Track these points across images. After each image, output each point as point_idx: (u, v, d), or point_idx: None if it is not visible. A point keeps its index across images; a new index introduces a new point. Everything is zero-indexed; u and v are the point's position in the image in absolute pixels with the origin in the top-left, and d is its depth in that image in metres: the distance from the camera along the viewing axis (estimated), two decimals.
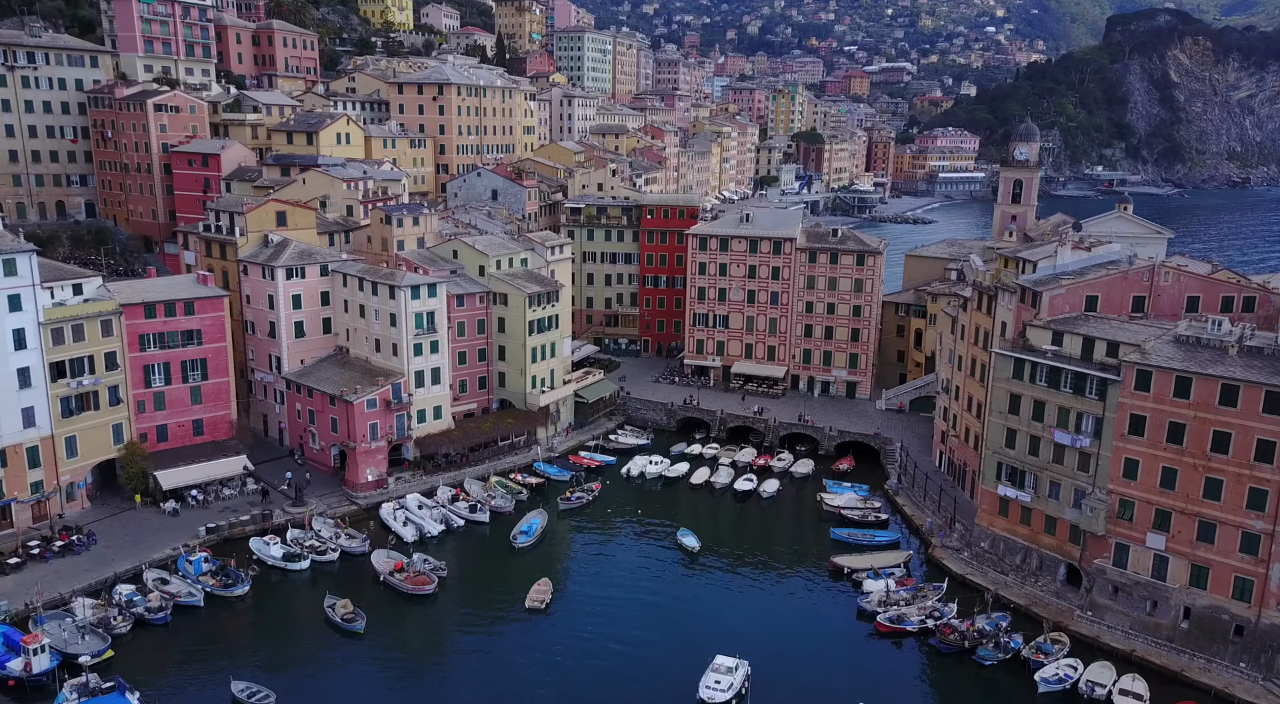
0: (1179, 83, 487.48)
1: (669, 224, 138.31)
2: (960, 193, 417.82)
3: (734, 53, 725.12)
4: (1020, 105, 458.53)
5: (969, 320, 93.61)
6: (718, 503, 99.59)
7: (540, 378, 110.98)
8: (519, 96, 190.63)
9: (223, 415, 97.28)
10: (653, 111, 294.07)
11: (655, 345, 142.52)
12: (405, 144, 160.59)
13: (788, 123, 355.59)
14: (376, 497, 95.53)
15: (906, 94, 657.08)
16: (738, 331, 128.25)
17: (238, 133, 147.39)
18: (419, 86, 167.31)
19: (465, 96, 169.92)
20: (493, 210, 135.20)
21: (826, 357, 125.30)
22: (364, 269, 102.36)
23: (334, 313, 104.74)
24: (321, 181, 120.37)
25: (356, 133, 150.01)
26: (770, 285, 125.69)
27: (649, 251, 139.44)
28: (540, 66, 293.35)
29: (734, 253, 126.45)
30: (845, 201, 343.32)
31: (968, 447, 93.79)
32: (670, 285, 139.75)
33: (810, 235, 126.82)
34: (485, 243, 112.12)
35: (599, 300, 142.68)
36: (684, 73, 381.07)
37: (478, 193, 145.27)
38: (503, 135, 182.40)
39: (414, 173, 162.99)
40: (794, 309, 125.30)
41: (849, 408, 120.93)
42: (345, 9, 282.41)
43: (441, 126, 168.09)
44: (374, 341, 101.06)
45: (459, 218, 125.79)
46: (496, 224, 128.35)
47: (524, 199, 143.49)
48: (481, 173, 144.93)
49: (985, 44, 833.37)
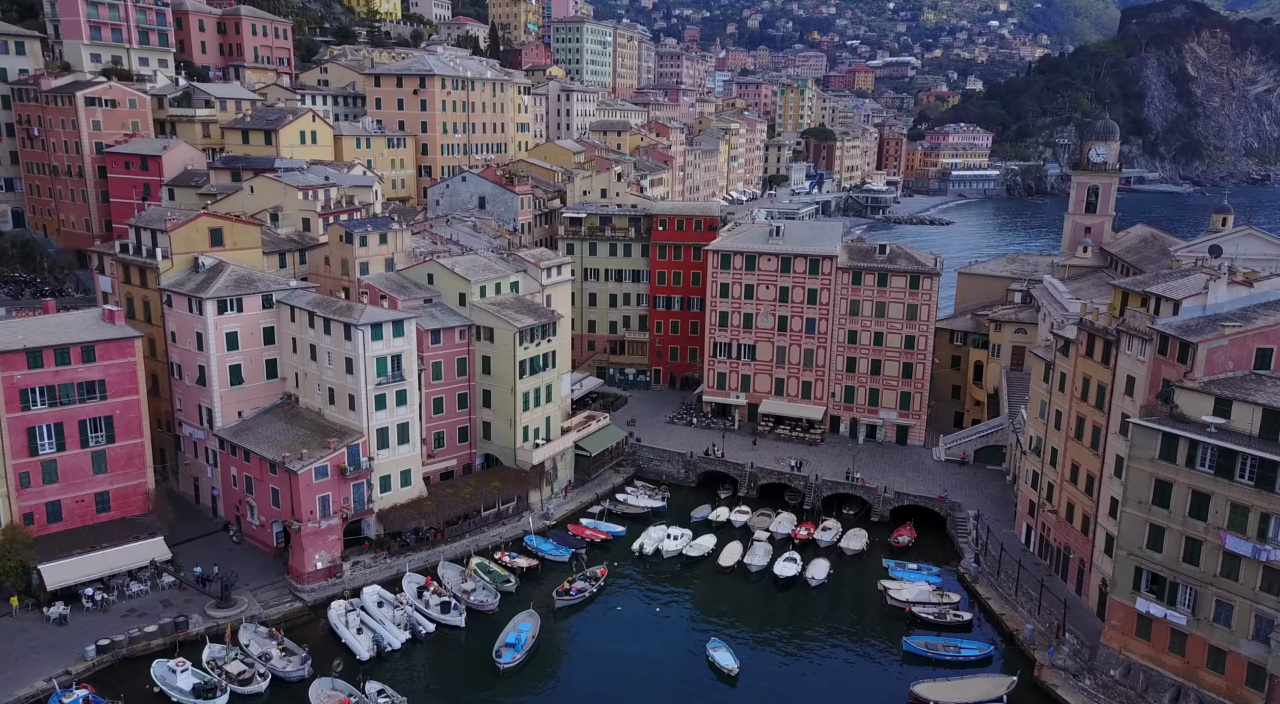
0: (1196, 77, 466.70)
1: (684, 237, 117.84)
2: (974, 191, 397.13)
3: (734, 47, 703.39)
4: (1034, 100, 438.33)
5: (1073, 369, 73.29)
6: (755, 593, 79.25)
7: (533, 429, 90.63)
8: (512, 90, 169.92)
9: (135, 486, 76.87)
10: (656, 107, 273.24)
11: (667, 376, 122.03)
12: (382, 143, 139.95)
13: (796, 119, 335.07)
14: (327, 589, 75.18)
15: (911, 89, 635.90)
16: (766, 364, 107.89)
17: (186, 131, 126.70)
18: (398, 78, 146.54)
19: (451, 89, 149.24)
20: (479, 222, 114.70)
21: (873, 395, 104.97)
22: (315, 301, 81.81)
23: (280, 353, 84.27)
24: (272, 189, 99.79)
25: (324, 131, 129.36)
26: (805, 311, 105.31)
27: (660, 269, 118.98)
28: (536, 59, 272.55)
29: (762, 272, 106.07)
30: (858, 202, 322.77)
31: (1073, 529, 73.50)
32: (685, 308, 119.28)
33: (854, 252, 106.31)
34: (467, 264, 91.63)
35: (602, 324, 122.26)
36: (687, 66, 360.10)
37: (463, 200, 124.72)
38: (493, 133, 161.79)
39: (392, 176, 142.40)
40: (834, 339, 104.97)
41: (901, 458, 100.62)
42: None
43: (424, 124, 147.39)
44: (327, 391, 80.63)
45: (438, 232, 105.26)
46: (483, 239, 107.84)
47: (516, 208, 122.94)
48: (467, 177, 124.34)
49: (989, 38, 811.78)
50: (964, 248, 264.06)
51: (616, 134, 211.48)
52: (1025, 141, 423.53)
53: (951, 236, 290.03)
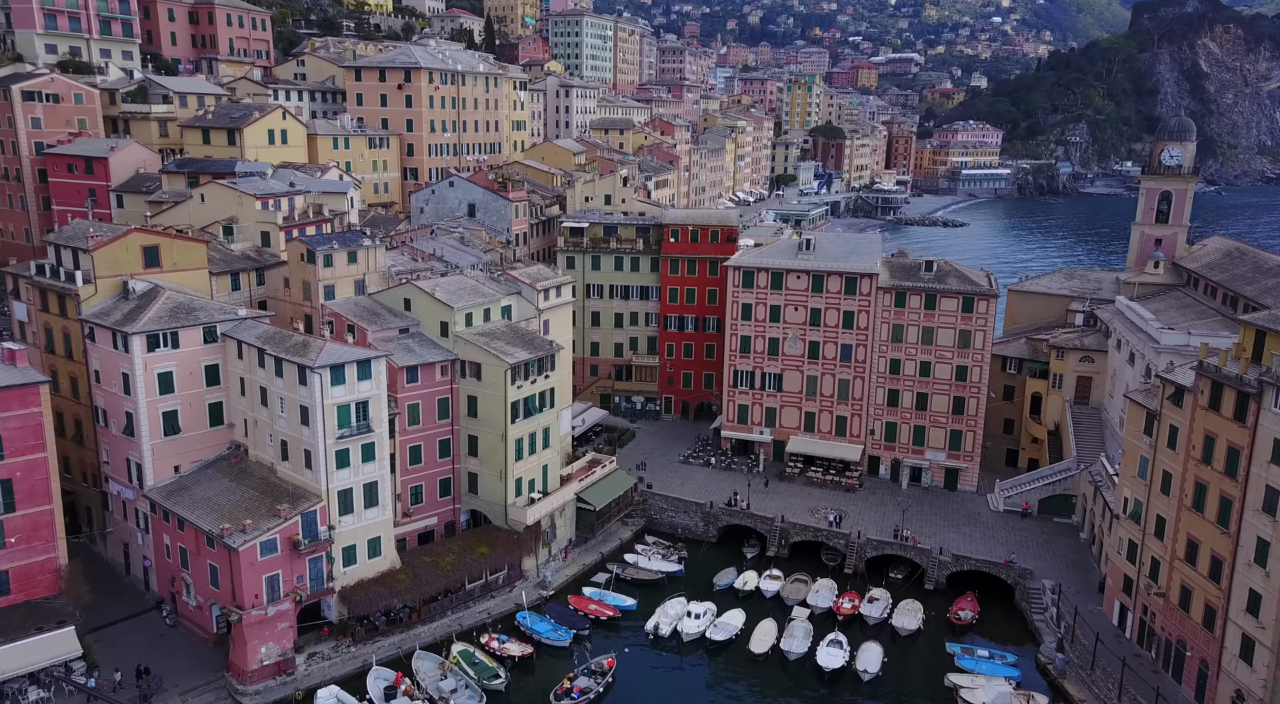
0: (1209, 73, 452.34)
1: (698, 249, 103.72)
2: (985, 191, 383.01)
3: (735, 43, 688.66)
4: (1045, 97, 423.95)
5: (1189, 423, 59.24)
6: (795, 687, 65.24)
7: (527, 481, 76.65)
8: (506, 85, 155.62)
9: (42, 562, 62.72)
10: (659, 103, 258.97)
11: (680, 405, 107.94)
12: (362, 143, 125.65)
13: (804, 116, 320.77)
14: (275, 690, 61.18)
15: (915, 86, 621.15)
16: (795, 396, 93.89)
17: (141, 130, 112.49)
18: (381, 71, 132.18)
19: (439, 84, 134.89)
20: (467, 233, 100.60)
21: (918, 433, 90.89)
22: (266, 335, 67.67)
23: (227, 396, 70.21)
24: (226, 198, 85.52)
25: (296, 130, 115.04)
26: (841, 336, 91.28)
27: (672, 285, 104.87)
28: (533, 54, 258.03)
29: (791, 291, 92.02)
30: (868, 202, 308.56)
31: (1189, 619, 59.54)
32: (700, 329, 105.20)
33: (896, 269, 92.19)
34: (451, 288, 77.47)
35: (606, 346, 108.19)
36: (690, 62, 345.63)
37: (450, 208, 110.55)
38: (486, 132, 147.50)
39: (374, 180, 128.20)
40: (873, 368, 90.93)
41: (952, 508, 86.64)
42: None
43: (409, 122, 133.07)
44: (280, 444, 66.59)
45: (419, 246, 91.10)
46: (471, 253, 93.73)
47: (509, 216, 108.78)
48: (455, 182, 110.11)
49: (992, 35, 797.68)
50: (983, 252, 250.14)
51: (619, 132, 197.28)
52: (1036, 139, 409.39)
53: (968, 239, 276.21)
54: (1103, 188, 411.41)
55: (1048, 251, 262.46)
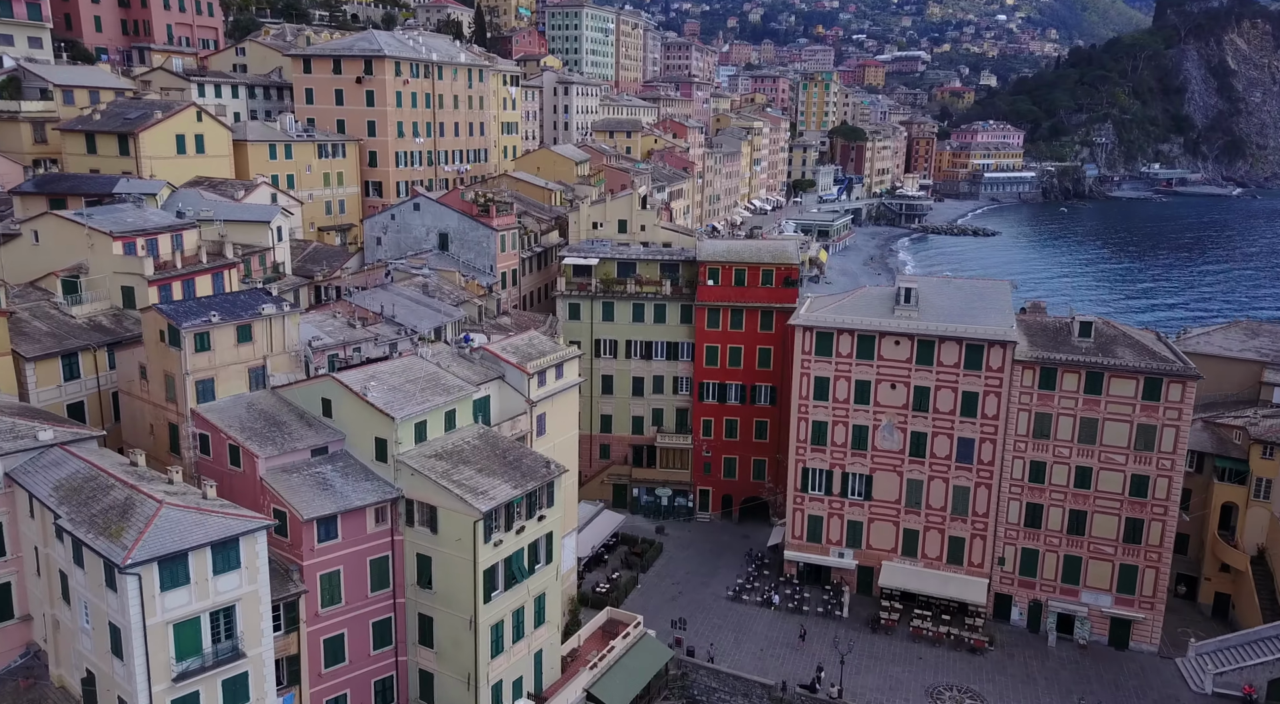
0: (1237, 70, 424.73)
1: (747, 295, 75.92)
2: (1008, 195, 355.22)
3: (737, 41, 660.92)
4: (1068, 95, 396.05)
5: None
6: None
7: (512, 681, 48.91)
8: (494, 80, 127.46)
9: None
10: (667, 102, 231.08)
11: (719, 500, 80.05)
12: (308, 151, 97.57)
13: (820, 116, 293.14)
14: None
15: (924, 84, 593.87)
16: (890, 507, 66.19)
17: (8, 133, 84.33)
18: (335, 60, 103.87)
19: (409, 77, 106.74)
20: (434, 275, 72.52)
21: (1070, 567, 63.11)
22: (70, 482, 39.82)
23: (19, 575, 42.44)
24: (70, 237, 57.54)
25: (217, 134, 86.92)
26: (958, 426, 63.60)
27: (711, 341, 77.11)
28: (528, 48, 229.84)
29: (886, 362, 64.32)
30: (891, 209, 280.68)
31: None
32: (748, 399, 77.53)
33: (1037, 333, 64.19)
34: (395, 380, 49.49)
35: (622, 420, 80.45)
36: (696, 58, 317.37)
37: (415, 238, 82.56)
38: (469, 136, 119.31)
39: (326, 196, 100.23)
40: (1005, 472, 63.23)
41: (1132, 684, 58.93)
42: None
43: (371, 123, 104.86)
44: (85, 671, 38.81)
45: (360, 303, 62.90)
46: (436, 310, 65.71)
47: (493, 249, 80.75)
48: (422, 204, 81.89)
49: (997, 33, 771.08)
50: (1026, 267, 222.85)
51: (626, 135, 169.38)
52: (1060, 140, 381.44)
53: (1003, 251, 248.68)
54: (1130, 191, 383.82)
55: (1101, 267, 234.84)
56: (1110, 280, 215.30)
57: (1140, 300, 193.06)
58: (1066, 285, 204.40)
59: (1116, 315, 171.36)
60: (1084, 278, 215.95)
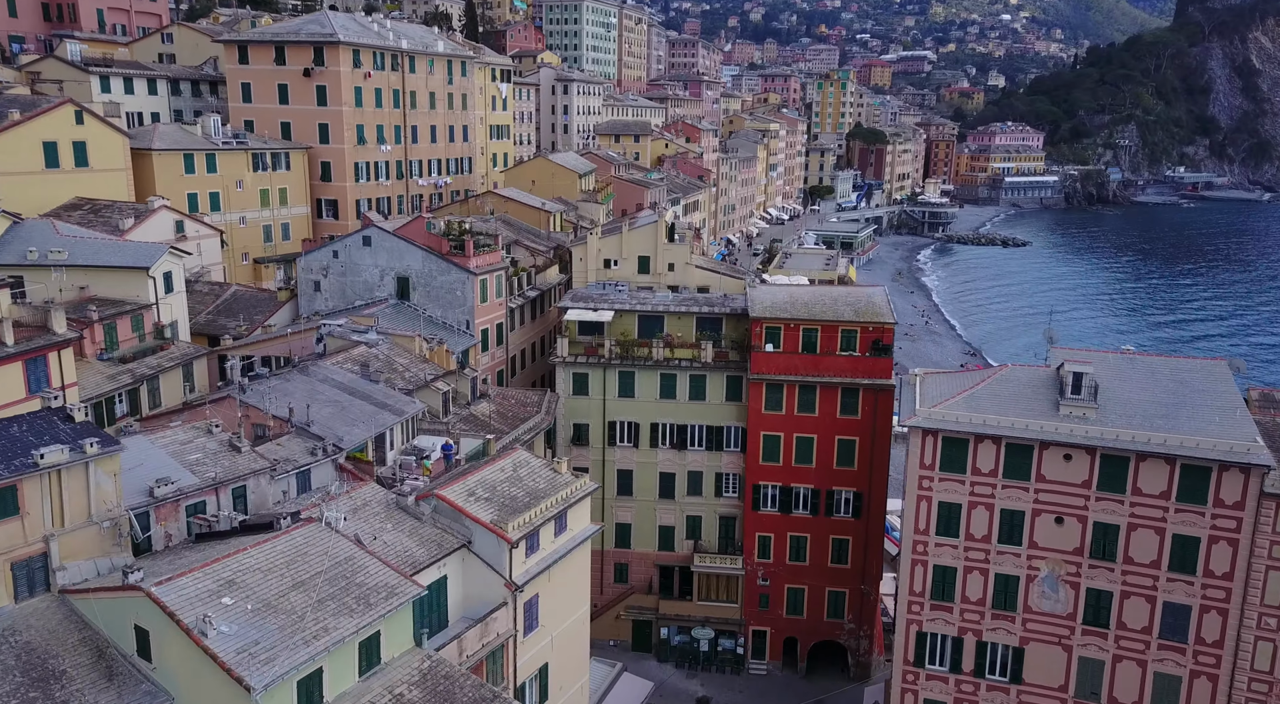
0: (1262, 70, 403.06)
1: (820, 366, 53.94)
2: (1029, 200, 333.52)
3: (740, 40, 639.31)
4: (1089, 95, 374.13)
5: None
6: None
7: None
8: (480, 74, 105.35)
9: None
10: (675, 103, 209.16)
11: (780, 644, 57.95)
12: (239, 163, 75.48)
13: (836, 118, 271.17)
14: None
15: (930, 84, 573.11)
16: (1052, 697, 44.27)
17: None
18: (277, 48, 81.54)
19: (372, 69, 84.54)
20: (381, 349, 50.40)
21: None
22: None
23: None
24: None
25: (106, 141, 64.80)
26: (1164, 587, 41.63)
27: (769, 428, 55.14)
28: (524, 43, 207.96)
29: (1048, 485, 42.39)
30: (913, 217, 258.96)
31: None
32: (822, 509, 55.59)
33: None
34: (267, 586, 27.37)
35: (644, 531, 58.54)
36: (703, 56, 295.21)
37: (366, 283, 60.37)
38: (449, 142, 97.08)
39: (265, 220, 78.21)
40: (1243, 662, 41.40)
41: None
42: None
43: (324, 127, 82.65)
44: None
45: (252, 401, 40.72)
46: (378, 406, 43.52)
47: (469, 298, 58.54)
48: (374, 237, 59.65)
49: (1002, 33, 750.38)
50: (1065, 281, 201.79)
51: (634, 139, 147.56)
52: (1081, 142, 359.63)
53: (1036, 262, 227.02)
54: (1155, 196, 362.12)
55: (1147, 281, 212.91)
56: (1162, 298, 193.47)
57: (1200, 323, 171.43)
58: (1116, 306, 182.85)
59: (1185, 346, 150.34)
60: (1133, 296, 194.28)
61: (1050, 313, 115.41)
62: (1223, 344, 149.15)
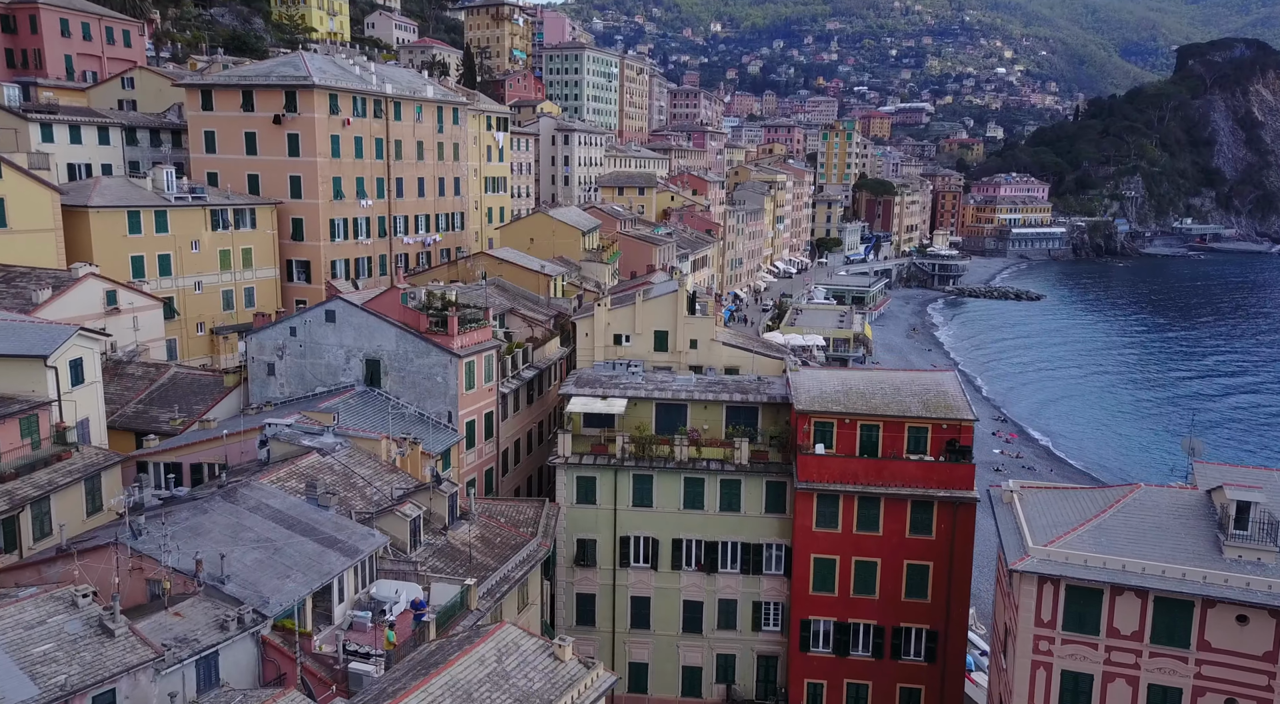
0: (1264, 122, 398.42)
1: (885, 474, 43.20)
2: (1037, 252, 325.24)
3: (739, 92, 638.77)
4: (1093, 146, 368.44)
5: None
6: None
7: None
8: (475, 122, 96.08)
9: None
10: (679, 153, 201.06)
11: None
12: (195, 221, 65.46)
13: (842, 169, 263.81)
14: None
15: (929, 136, 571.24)
16: None
17: None
18: (244, 92, 72.02)
19: (351, 115, 74.97)
20: (337, 456, 39.74)
21: None
22: None
23: None
24: None
25: (31, 198, 54.72)
26: None
27: (821, 549, 44.23)
28: (523, 93, 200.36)
29: (1213, 655, 31.51)
30: (923, 270, 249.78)
31: None
32: (888, 652, 44.45)
33: None
34: None
35: (664, 673, 47.27)
36: (705, 107, 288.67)
37: (330, 366, 49.82)
38: (438, 197, 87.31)
39: (225, 286, 67.96)
40: None
41: None
42: (247, 8, 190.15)
43: (296, 180, 72.85)
44: None
45: (146, 552, 29.97)
46: (322, 545, 32.72)
47: (453, 385, 47.99)
48: (339, 311, 49.35)
49: (997, 85, 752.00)
50: (1084, 337, 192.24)
51: (638, 191, 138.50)
52: (1087, 194, 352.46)
53: (1052, 317, 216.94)
54: (1164, 248, 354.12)
55: (1167, 335, 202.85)
56: (1189, 357, 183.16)
57: (1230, 378, 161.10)
58: (1145, 365, 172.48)
59: (1230, 417, 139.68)
60: (1159, 353, 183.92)
61: (1191, 417, 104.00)
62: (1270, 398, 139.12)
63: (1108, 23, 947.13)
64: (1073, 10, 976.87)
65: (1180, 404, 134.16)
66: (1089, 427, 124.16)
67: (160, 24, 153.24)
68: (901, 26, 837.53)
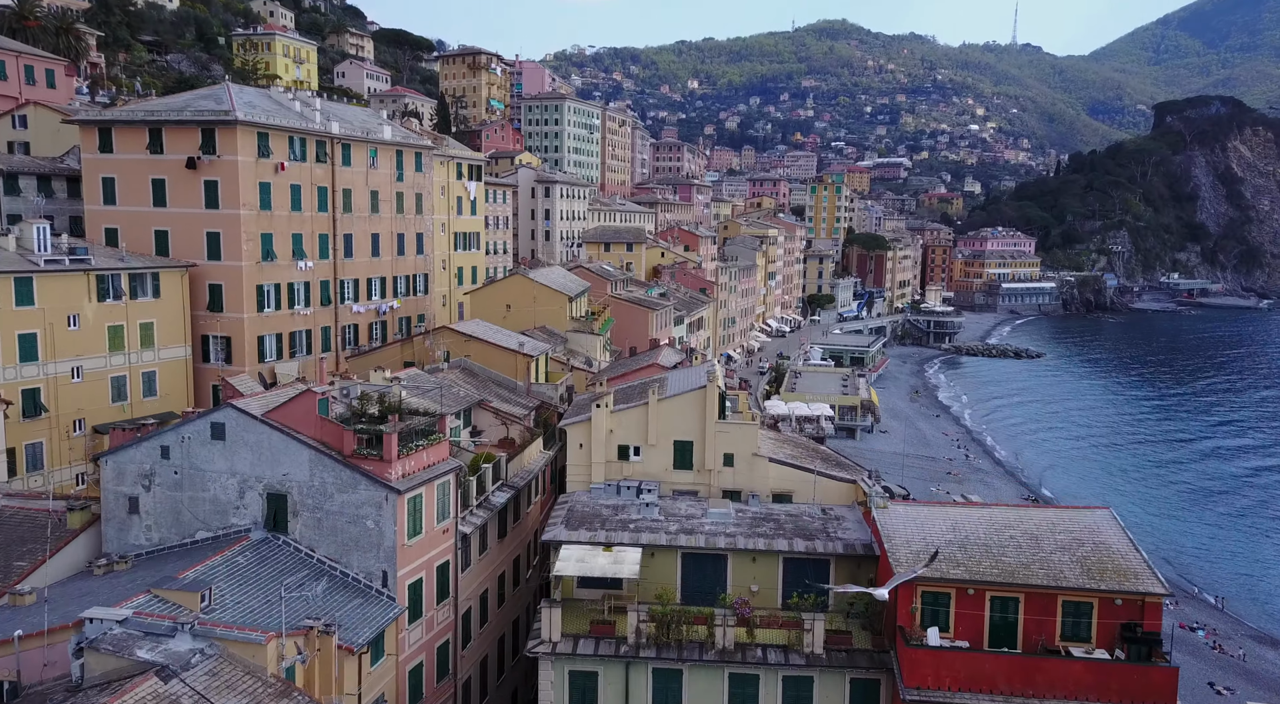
0: (1244, 178, 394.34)
1: (1034, 678, 28.51)
2: (1027, 307, 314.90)
3: (717, 147, 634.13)
4: (1077, 200, 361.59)
5: None
6: None
7: None
8: (442, 170, 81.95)
9: None
10: (665, 207, 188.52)
11: None
12: (75, 290, 50.27)
13: (830, 224, 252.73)
14: None
15: (908, 190, 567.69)
16: None
17: None
18: (152, 130, 57.60)
19: (287, 159, 60.58)
20: (196, 668, 24.45)
21: None
22: None
23: None
24: None
25: None
26: None
27: None
28: (501, 144, 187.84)
29: None
30: (918, 327, 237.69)
31: None
32: None
33: None
34: None
35: None
36: (689, 160, 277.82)
37: (216, 502, 34.63)
38: (397, 257, 72.69)
39: (113, 371, 52.46)
40: None
41: None
42: (206, 54, 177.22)
43: (214, 237, 58.10)
44: None
45: None
46: None
47: (389, 532, 32.95)
48: (230, 424, 34.47)
49: (971, 141, 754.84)
50: (1089, 398, 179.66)
51: (626, 248, 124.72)
52: (1075, 248, 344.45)
53: (1054, 377, 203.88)
54: (1153, 302, 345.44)
55: (1173, 393, 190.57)
56: (1197, 415, 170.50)
57: (1241, 438, 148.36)
58: (1164, 430, 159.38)
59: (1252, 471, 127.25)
60: (1173, 415, 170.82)
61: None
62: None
63: (1075, 82, 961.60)
64: (1040, 71, 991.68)
65: (1237, 485, 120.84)
66: (1141, 504, 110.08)
67: (106, 68, 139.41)
68: (875, 84, 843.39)
